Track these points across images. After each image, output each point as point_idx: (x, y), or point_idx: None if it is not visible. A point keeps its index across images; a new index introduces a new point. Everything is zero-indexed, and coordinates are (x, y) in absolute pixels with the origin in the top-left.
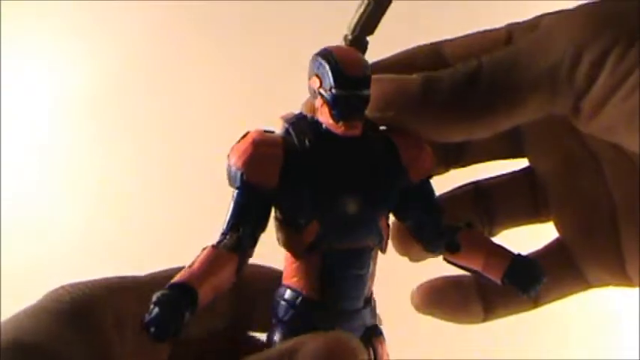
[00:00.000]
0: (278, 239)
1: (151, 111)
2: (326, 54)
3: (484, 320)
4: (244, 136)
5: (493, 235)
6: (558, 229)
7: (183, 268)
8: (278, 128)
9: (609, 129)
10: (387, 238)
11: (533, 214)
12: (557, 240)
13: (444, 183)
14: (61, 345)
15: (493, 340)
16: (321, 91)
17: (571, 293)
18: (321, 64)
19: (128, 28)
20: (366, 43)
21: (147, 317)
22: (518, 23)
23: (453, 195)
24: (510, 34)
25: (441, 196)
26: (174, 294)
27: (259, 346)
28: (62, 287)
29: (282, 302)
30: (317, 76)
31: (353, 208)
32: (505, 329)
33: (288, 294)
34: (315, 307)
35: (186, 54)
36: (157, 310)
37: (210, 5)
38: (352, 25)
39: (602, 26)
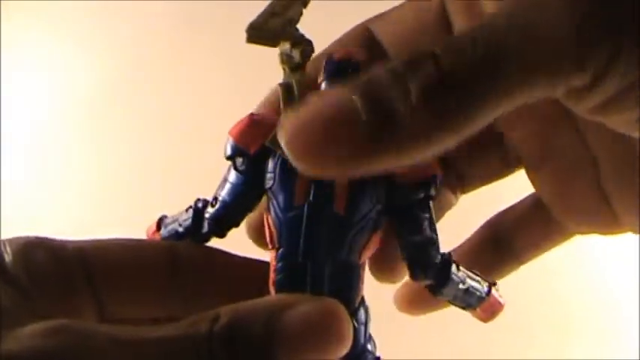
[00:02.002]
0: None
1: (151, 111)
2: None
3: None
4: None
5: (465, 191)
6: (535, 187)
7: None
8: None
9: (619, 120)
10: None
11: (502, 170)
12: (533, 196)
13: None
14: None
15: (492, 339)
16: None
17: (552, 246)
18: None
19: (128, 29)
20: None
21: None
22: None
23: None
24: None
25: None
26: None
27: None
28: None
29: None
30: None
31: None
32: (504, 329)
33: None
34: None
35: (187, 55)
36: None
37: (209, 6)
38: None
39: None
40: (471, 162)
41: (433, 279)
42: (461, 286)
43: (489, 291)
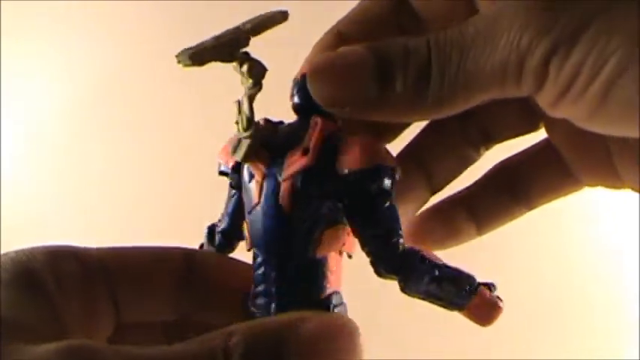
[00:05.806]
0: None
1: (153, 110)
2: None
3: (479, 235)
4: None
5: (489, 147)
6: (551, 137)
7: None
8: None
9: (572, 119)
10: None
11: (524, 126)
12: (546, 142)
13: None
14: (14, 310)
15: (492, 339)
16: None
17: (563, 194)
18: None
19: (128, 28)
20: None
21: None
22: None
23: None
24: None
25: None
26: None
27: None
28: (4, 255)
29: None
30: None
31: None
32: (504, 328)
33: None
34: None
35: None
36: None
37: (206, 7)
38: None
39: (549, 21)
40: (494, 117)
41: (398, 271)
42: (429, 277)
43: (477, 288)
